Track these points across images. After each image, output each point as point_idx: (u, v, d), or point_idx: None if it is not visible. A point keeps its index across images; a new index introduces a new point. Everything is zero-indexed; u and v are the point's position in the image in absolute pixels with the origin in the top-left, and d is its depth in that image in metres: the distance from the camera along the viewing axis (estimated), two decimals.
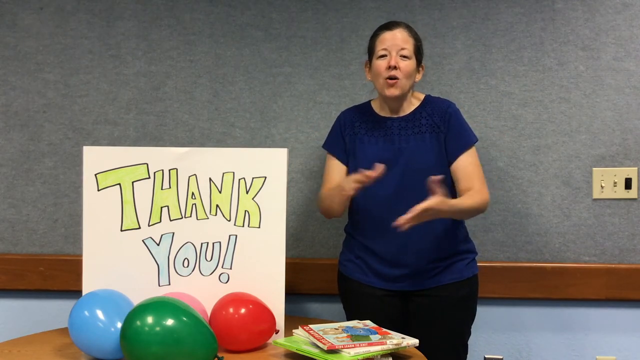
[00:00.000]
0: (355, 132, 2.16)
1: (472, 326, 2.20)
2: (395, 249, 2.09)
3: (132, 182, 2.04)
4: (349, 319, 2.22)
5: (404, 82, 2.06)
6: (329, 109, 2.54)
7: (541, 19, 2.48)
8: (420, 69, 2.13)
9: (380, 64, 2.06)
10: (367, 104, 2.21)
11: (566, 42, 2.48)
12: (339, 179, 2.15)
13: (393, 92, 2.06)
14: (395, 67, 2.03)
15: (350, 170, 2.15)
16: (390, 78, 2.05)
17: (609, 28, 2.46)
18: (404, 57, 2.05)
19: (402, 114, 2.13)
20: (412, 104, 2.14)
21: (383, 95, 2.10)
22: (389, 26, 2.09)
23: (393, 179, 2.05)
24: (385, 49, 2.06)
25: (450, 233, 2.12)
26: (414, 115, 2.12)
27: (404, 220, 1.86)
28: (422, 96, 2.17)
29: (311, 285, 2.52)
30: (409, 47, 2.05)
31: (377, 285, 2.14)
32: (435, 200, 1.86)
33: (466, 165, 2.08)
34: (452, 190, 2.12)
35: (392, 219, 1.98)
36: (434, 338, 2.07)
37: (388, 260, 2.11)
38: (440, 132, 2.09)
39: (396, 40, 2.05)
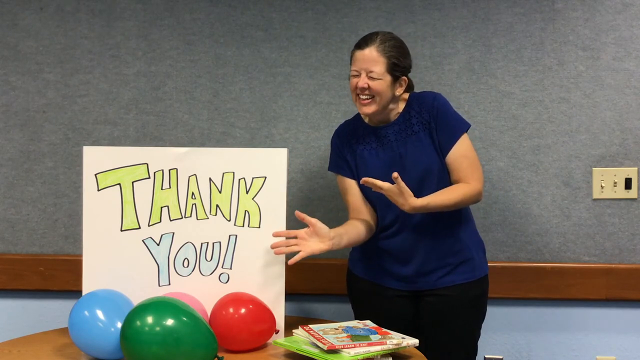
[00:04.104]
0: (354, 149, 2.13)
1: None
2: (406, 248, 2.08)
3: (132, 182, 2.04)
4: (356, 317, 2.20)
5: (377, 100, 2.02)
6: (329, 109, 2.54)
7: (541, 19, 2.48)
8: (403, 82, 2.06)
9: (352, 83, 2.04)
10: (357, 117, 2.18)
11: (566, 42, 2.48)
12: (356, 197, 2.14)
13: (366, 110, 2.03)
14: (363, 89, 2.00)
15: (360, 186, 2.12)
16: (362, 97, 2.02)
17: (609, 28, 2.46)
18: (373, 78, 2.00)
19: (392, 120, 2.11)
20: (398, 108, 2.11)
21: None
22: (360, 44, 2.03)
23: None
24: (355, 70, 2.03)
25: (460, 229, 2.11)
26: (404, 118, 2.09)
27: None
28: (406, 95, 2.13)
29: (311, 285, 2.52)
30: (377, 69, 1.99)
31: (388, 285, 2.13)
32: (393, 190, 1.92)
33: (456, 157, 2.05)
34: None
35: (402, 220, 2.07)
36: (444, 339, 2.06)
37: (399, 259, 2.10)
38: (432, 128, 2.06)
39: (365, 62, 2.00)
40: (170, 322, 1.69)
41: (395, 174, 1.89)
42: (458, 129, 2.07)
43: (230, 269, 2.03)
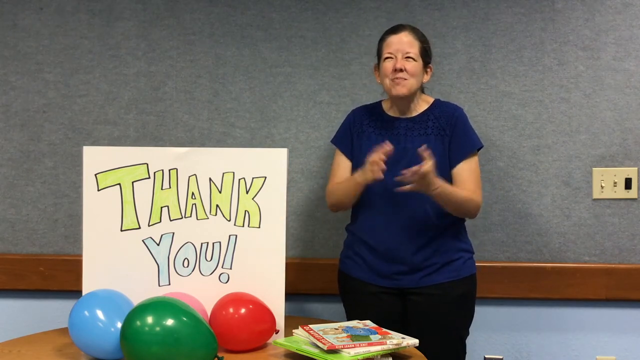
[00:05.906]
0: (363, 130, 2.20)
1: (472, 326, 2.20)
2: (393, 244, 2.11)
3: (132, 182, 2.04)
4: (347, 316, 2.23)
5: (412, 81, 2.10)
6: (329, 109, 2.54)
7: (541, 19, 2.48)
8: (428, 69, 2.17)
9: (387, 66, 2.11)
10: (378, 104, 2.25)
11: (566, 42, 2.48)
12: (345, 174, 2.20)
13: (400, 90, 2.10)
14: (401, 70, 2.08)
15: (354, 166, 2.18)
16: (397, 78, 2.09)
17: (609, 28, 2.46)
18: (410, 59, 2.09)
19: (409, 115, 2.17)
20: (420, 106, 2.18)
21: (391, 96, 2.15)
22: (395, 30, 2.14)
23: (396, 177, 2.06)
24: (391, 53, 2.11)
25: (449, 230, 2.13)
26: (421, 117, 2.16)
27: (402, 178, 1.95)
28: (431, 100, 2.21)
29: (311, 285, 2.52)
30: (414, 50, 2.10)
31: (375, 282, 2.15)
32: (429, 164, 1.93)
33: (464, 171, 2.12)
34: None
35: (392, 215, 2.11)
36: (431, 337, 2.07)
37: (386, 255, 2.12)
38: (445, 135, 2.12)
39: (401, 44, 2.10)
40: (170, 322, 1.69)
41: (423, 148, 1.96)
42: (471, 145, 2.14)
43: (230, 269, 2.03)
